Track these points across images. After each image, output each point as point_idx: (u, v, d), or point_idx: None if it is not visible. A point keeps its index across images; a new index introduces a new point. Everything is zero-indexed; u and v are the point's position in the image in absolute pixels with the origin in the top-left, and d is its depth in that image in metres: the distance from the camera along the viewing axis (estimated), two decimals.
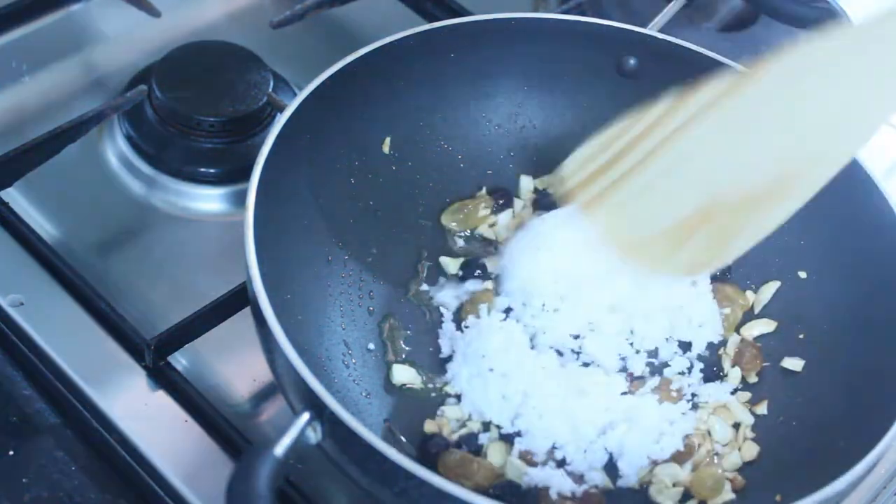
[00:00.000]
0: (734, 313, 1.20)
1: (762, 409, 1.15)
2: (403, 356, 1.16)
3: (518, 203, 1.27)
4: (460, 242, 1.25)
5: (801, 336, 1.19)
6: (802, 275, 1.21)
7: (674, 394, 1.13)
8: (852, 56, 0.92)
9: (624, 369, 1.15)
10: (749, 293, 1.22)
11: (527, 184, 1.29)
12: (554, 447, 1.09)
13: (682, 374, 1.16)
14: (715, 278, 1.20)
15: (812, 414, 1.14)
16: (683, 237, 1.03)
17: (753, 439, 1.13)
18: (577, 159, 1.13)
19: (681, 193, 1.01)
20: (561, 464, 1.09)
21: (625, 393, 1.12)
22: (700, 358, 1.18)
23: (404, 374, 1.14)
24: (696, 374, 1.16)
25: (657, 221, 1.03)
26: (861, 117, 0.93)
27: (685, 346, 1.18)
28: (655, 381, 1.14)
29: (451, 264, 1.23)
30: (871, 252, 1.15)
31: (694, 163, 1.00)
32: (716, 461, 1.11)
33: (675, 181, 1.01)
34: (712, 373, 1.17)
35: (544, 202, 1.27)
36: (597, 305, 1.14)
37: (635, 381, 1.14)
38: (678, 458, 1.10)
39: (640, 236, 1.06)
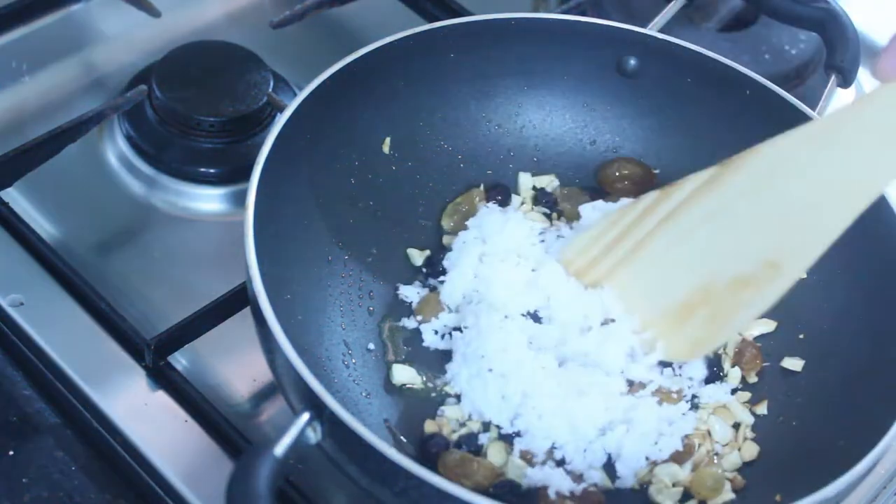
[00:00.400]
0: None
1: (762, 409, 1.15)
2: (403, 356, 1.16)
3: (517, 199, 1.27)
4: None
5: (801, 336, 1.19)
6: (802, 275, 1.21)
7: (674, 395, 1.13)
8: (827, 146, 0.96)
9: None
10: None
11: (526, 181, 1.29)
12: (553, 447, 1.09)
13: (682, 376, 1.16)
14: None
15: (812, 414, 1.13)
16: (684, 317, 1.07)
17: (753, 439, 1.13)
18: (579, 244, 1.15)
19: (678, 274, 1.06)
20: (560, 463, 1.09)
21: (624, 394, 1.12)
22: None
23: (404, 374, 1.14)
24: (697, 374, 1.16)
25: (664, 295, 1.07)
26: (840, 201, 0.96)
27: None
28: (655, 384, 1.13)
29: (417, 256, 1.23)
30: (872, 252, 1.15)
31: (686, 248, 1.05)
32: (716, 461, 1.11)
33: (672, 264, 1.06)
34: (712, 373, 1.17)
35: (544, 200, 1.27)
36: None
37: (635, 384, 1.14)
38: (677, 458, 1.10)
39: (649, 311, 1.09)
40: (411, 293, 1.20)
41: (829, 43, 1.33)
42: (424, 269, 1.22)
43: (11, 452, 1.08)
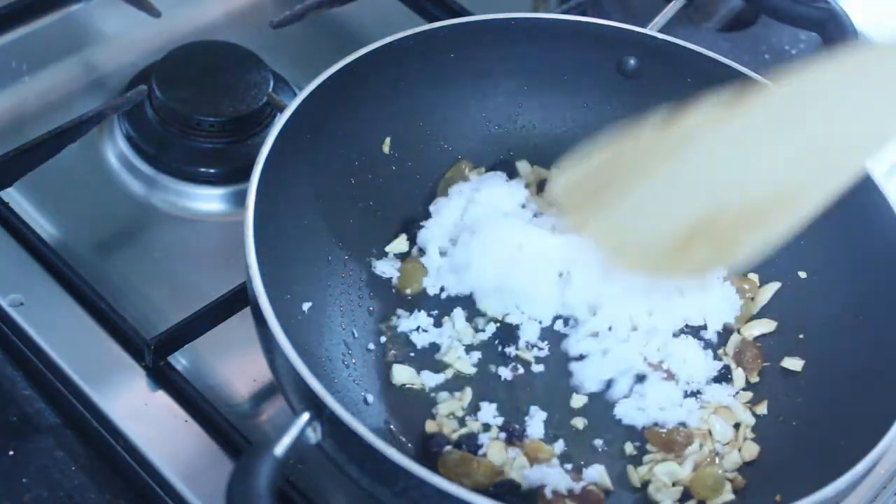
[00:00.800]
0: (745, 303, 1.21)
1: (762, 409, 1.15)
2: (403, 356, 1.16)
3: (521, 181, 1.27)
4: None
5: (801, 336, 1.19)
6: (802, 275, 1.21)
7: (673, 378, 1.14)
8: (857, 77, 0.93)
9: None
10: (752, 275, 1.23)
11: (524, 167, 1.29)
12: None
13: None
14: None
15: (812, 414, 1.14)
16: (686, 244, 1.02)
17: (753, 439, 1.13)
18: (567, 176, 1.10)
19: (683, 202, 1.01)
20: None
21: None
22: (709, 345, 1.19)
23: (404, 374, 1.14)
24: (701, 375, 1.16)
25: (659, 229, 1.03)
26: (864, 137, 0.94)
27: (696, 331, 1.19)
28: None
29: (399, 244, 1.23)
30: (871, 252, 1.15)
31: (697, 174, 1.00)
32: (717, 461, 1.11)
33: (678, 191, 1.01)
34: (720, 373, 1.17)
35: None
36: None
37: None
38: (668, 445, 1.10)
39: (643, 245, 1.04)
40: (387, 268, 1.20)
41: (829, 43, 1.34)
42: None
43: (11, 452, 1.08)
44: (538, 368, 1.16)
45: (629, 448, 1.12)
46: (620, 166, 1.04)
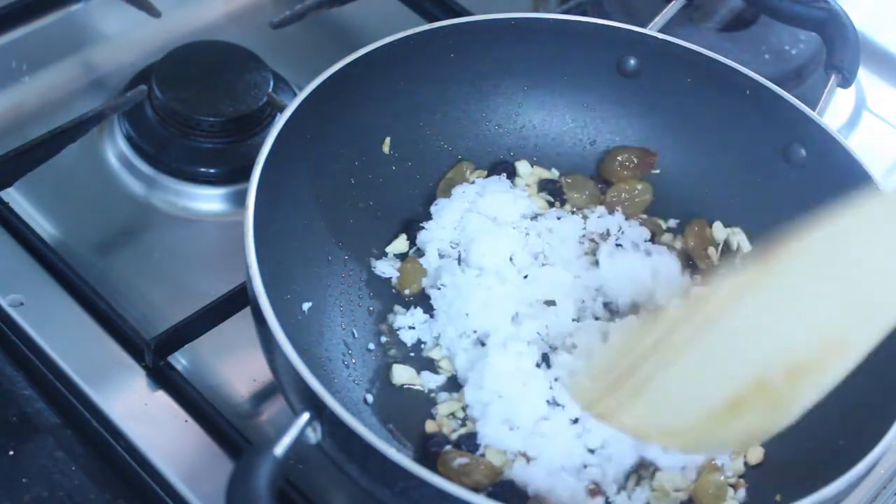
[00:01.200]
0: None
1: None
2: (403, 356, 1.16)
3: (521, 181, 1.27)
4: None
5: None
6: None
7: None
8: (880, 223, 0.91)
9: None
10: None
11: (524, 167, 1.29)
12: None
13: None
14: None
15: (812, 414, 1.13)
16: (733, 410, 0.94)
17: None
18: (583, 375, 1.06)
19: (730, 372, 0.94)
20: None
21: None
22: None
23: (404, 375, 1.14)
24: None
25: (695, 406, 0.95)
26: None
27: None
28: None
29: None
30: None
31: (736, 345, 0.94)
32: (719, 467, 1.10)
33: (711, 368, 0.95)
34: None
35: (548, 188, 1.28)
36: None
37: None
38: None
39: (679, 424, 0.96)
40: (387, 268, 1.20)
41: (829, 43, 1.33)
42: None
43: (11, 452, 1.08)
44: None
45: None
46: (641, 352, 0.98)
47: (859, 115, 1.50)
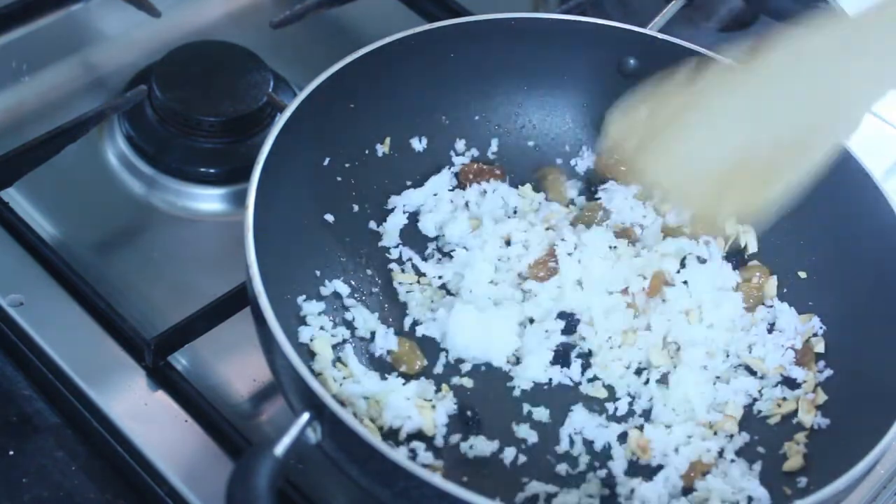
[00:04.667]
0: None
1: None
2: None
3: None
4: None
5: None
6: (802, 275, 1.21)
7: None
8: (859, 39, 1.00)
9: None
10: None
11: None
12: None
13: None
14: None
15: None
16: (725, 185, 1.06)
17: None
18: (620, 125, 1.14)
19: (724, 142, 1.06)
20: None
21: None
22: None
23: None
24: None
25: (706, 166, 1.07)
26: (863, 92, 1.02)
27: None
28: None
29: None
30: (871, 252, 1.15)
31: (732, 117, 1.06)
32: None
33: (718, 132, 1.06)
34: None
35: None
36: None
37: None
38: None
39: (692, 182, 1.08)
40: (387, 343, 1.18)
41: None
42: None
43: (11, 452, 1.08)
44: None
45: None
46: (664, 114, 1.09)
47: None
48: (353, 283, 1.18)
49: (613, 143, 1.14)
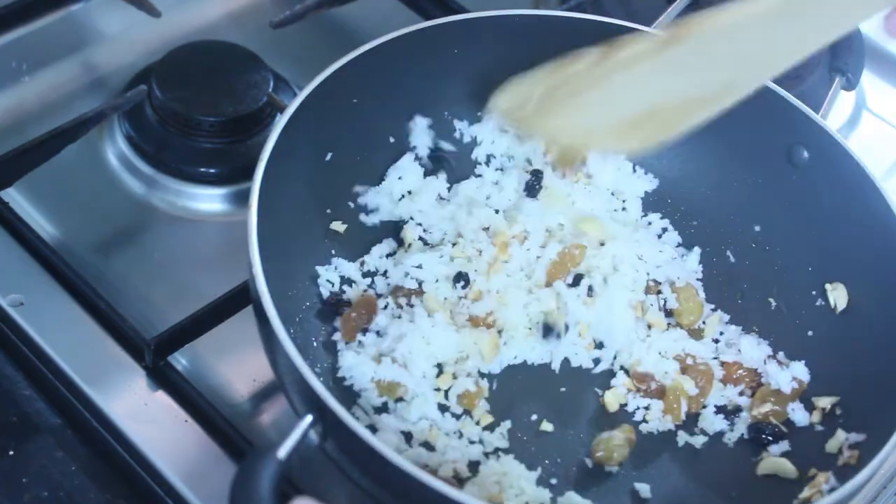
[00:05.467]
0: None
1: None
2: None
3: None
4: None
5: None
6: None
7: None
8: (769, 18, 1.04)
9: None
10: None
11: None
12: None
13: None
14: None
15: None
16: (633, 125, 1.10)
17: None
18: (511, 92, 1.15)
19: (632, 102, 1.10)
20: None
21: None
22: None
23: None
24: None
25: (610, 119, 1.11)
26: (771, 61, 1.06)
27: None
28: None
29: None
30: (871, 252, 1.15)
31: (646, 84, 1.09)
32: None
33: (628, 95, 1.10)
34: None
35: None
36: None
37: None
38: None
39: (593, 129, 1.13)
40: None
41: (832, 45, 1.33)
42: None
43: (11, 452, 1.08)
44: None
45: None
46: (565, 81, 1.12)
47: (859, 115, 1.51)
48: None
49: (503, 112, 1.17)
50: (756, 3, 1.02)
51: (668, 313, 1.21)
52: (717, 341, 1.20)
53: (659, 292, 1.21)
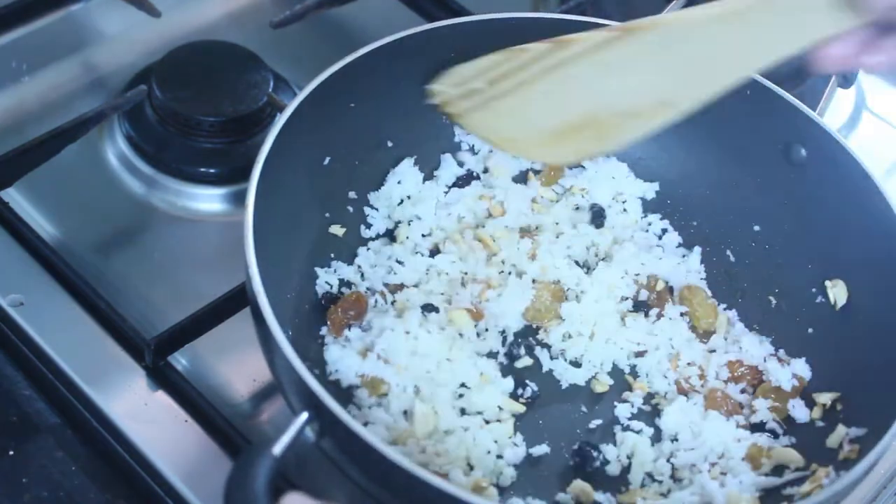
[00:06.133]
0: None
1: None
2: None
3: None
4: None
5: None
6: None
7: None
8: (717, 25, 1.02)
9: None
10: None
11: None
12: None
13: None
14: None
15: None
16: (569, 133, 1.10)
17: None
18: (448, 78, 1.16)
19: (571, 104, 1.09)
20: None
21: None
22: None
23: None
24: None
25: (540, 123, 1.11)
26: (719, 70, 1.04)
27: None
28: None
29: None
30: (871, 252, 1.15)
31: (576, 87, 1.09)
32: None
33: (569, 96, 1.09)
34: None
35: None
36: None
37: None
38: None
39: (523, 134, 1.13)
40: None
41: None
42: None
43: (11, 452, 1.08)
44: None
45: None
46: (505, 74, 1.11)
47: (859, 115, 1.51)
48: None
49: (439, 102, 1.16)
50: (711, 7, 1.01)
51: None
52: (725, 339, 1.20)
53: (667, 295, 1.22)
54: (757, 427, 1.13)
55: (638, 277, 1.22)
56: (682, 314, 1.20)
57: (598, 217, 1.26)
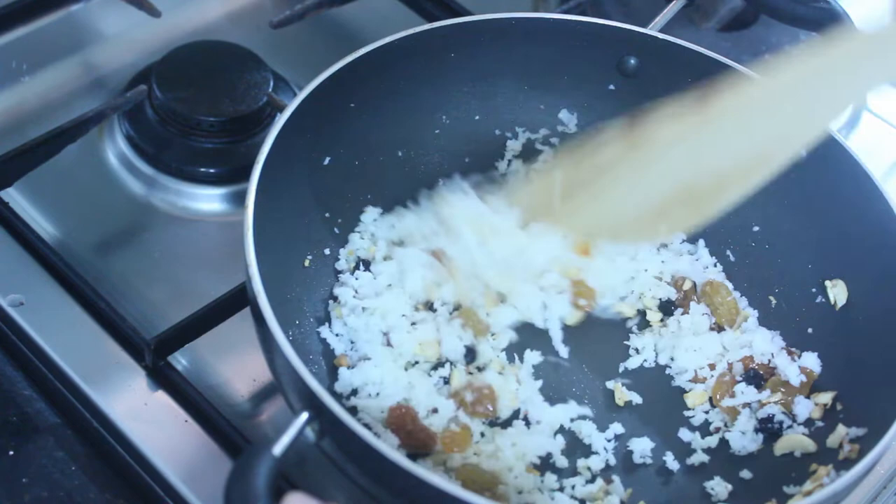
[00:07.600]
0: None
1: None
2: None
3: None
4: None
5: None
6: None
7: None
8: (803, 77, 1.02)
9: None
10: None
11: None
12: None
13: None
14: None
15: None
16: (662, 211, 1.08)
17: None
18: (535, 186, 1.16)
19: (652, 188, 1.08)
20: None
21: None
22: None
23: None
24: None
25: (631, 208, 1.10)
26: (815, 119, 1.04)
27: None
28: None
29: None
30: (871, 252, 1.15)
31: (674, 160, 1.07)
32: None
33: (647, 181, 1.08)
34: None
35: None
36: None
37: None
38: None
39: (616, 222, 1.11)
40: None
41: None
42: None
43: (11, 452, 1.08)
44: None
45: None
46: (588, 173, 1.10)
47: (859, 115, 1.50)
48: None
49: (526, 210, 1.15)
50: (777, 74, 1.02)
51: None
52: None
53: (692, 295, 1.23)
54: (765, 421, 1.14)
55: (662, 276, 1.23)
56: (703, 314, 1.22)
57: None
